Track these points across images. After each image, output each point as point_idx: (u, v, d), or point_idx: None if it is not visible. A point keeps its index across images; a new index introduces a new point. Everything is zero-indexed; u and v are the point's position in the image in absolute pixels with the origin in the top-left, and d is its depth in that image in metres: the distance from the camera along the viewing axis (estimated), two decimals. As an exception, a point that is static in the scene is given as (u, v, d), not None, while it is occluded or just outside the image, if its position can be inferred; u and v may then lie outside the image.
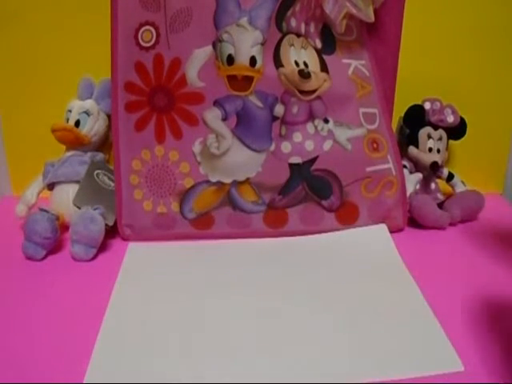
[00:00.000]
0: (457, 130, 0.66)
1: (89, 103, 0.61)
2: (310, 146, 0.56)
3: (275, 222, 0.59)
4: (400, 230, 0.60)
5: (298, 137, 0.55)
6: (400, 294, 0.48)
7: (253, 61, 0.52)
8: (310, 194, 0.58)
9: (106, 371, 0.38)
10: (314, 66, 0.54)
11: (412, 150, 0.66)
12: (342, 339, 0.41)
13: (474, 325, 0.43)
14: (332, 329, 0.43)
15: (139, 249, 0.56)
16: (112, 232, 0.57)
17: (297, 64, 0.54)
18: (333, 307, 0.46)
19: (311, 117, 0.55)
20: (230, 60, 0.52)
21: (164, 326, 0.43)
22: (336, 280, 0.50)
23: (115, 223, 0.57)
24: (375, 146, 0.57)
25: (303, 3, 0.53)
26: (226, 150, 0.54)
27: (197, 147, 0.55)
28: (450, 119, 0.65)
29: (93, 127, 0.61)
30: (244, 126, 0.54)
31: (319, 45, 0.55)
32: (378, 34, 0.56)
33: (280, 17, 0.53)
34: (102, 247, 0.55)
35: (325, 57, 0.55)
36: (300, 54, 0.54)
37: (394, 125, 0.66)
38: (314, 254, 0.55)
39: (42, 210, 0.55)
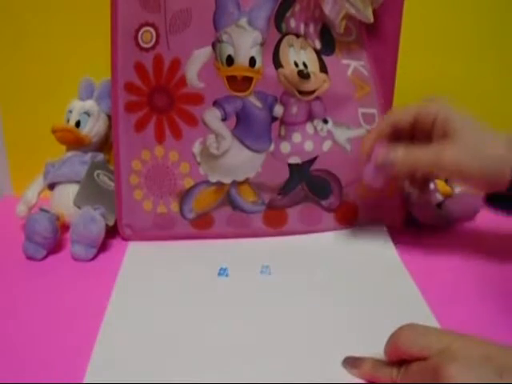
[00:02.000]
0: (456, 130, 0.66)
1: (89, 104, 0.61)
2: (309, 146, 0.56)
3: (275, 222, 0.59)
4: (399, 230, 0.60)
5: (297, 137, 0.55)
6: (399, 293, 0.48)
7: (252, 61, 0.53)
8: (310, 194, 0.58)
9: (106, 371, 0.38)
10: (313, 66, 0.55)
11: (411, 150, 0.66)
12: (340, 339, 0.42)
13: (472, 323, 0.44)
14: (331, 329, 0.43)
15: (139, 249, 0.56)
16: (112, 232, 0.57)
17: (296, 64, 0.54)
18: (332, 307, 0.46)
19: (310, 117, 0.55)
20: (230, 61, 0.53)
21: (164, 325, 0.43)
22: (335, 280, 0.50)
23: (115, 223, 0.57)
24: (374, 146, 0.57)
25: (302, 4, 0.53)
26: (225, 151, 0.54)
27: (197, 147, 0.55)
28: (449, 119, 0.65)
29: (93, 128, 0.61)
30: (243, 126, 0.54)
31: (318, 45, 0.55)
32: (377, 35, 0.56)
33: (279, 17, 0.53)
34: (102, 247, 0.55)
35: (324, 57, 0.55)
36: (299, 55, 0.54)
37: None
38: (312, 254, 0.55)
39: (42, 210, 0.55)
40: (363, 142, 0.51)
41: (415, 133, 0.50)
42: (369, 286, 0.49)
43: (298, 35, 0.54)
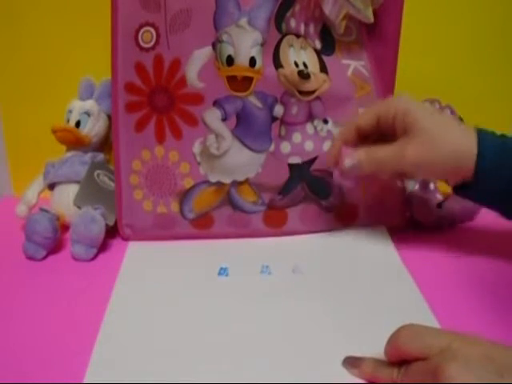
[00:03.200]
0: (456, 131, 0.66)
1: (89, 104, 0.61)
2: (309, 146, 0.56)
3: (275, 222, 0.59)
4: (399, 230, 0.60)
5: (297, 137, 0.55)
6: (399, 293, 0.48)
7: (252, 61, 0.53)
8: (310, 194, 0.58)
9: (106, 371, 0.38)
10: (313, 66, 0.55)
11: (411, 150, 0.66)
12: (341, 339, 0.42)
13: (472, 323, 0.44)
14: (331, 329, 0.43)
15: (139, 249, 0.56)
16: (112, 232, 0.57)
17: (296, 65, 0.54)
18: (332, 307, 0.46)
19: (311, 117, 0.55)
20: (230, 61, 0.53)
21: (164, 325, 0.43)
22: (335, 280, 0.50)
23: (115, 223, 0.57)
24: (374, 146, 0.57)
25: (302, 4, 0.53)
26: (225, 151, 0.54)
27: (197, 147, 0.55)
28: (449, 119, 0.65)
29: (93, 128, 0.61)
30: (244, 126, 0.54)
31: (319, 45, 0.55)
32: (378, 35, 0.56)
33: (279, 17, 0.53)
34: (102, 247, 0.55)
35: (324, 57, 0.55)
36: (299, 55, 0.54)
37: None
38: (312, 254, 0.55)
39: (42, 209, 0.55)
40: (330, 148, 0.52)
41: (381, 132, 0.50)
42: (369, 285, 0.49)
43: (298, 35, 0.54)
